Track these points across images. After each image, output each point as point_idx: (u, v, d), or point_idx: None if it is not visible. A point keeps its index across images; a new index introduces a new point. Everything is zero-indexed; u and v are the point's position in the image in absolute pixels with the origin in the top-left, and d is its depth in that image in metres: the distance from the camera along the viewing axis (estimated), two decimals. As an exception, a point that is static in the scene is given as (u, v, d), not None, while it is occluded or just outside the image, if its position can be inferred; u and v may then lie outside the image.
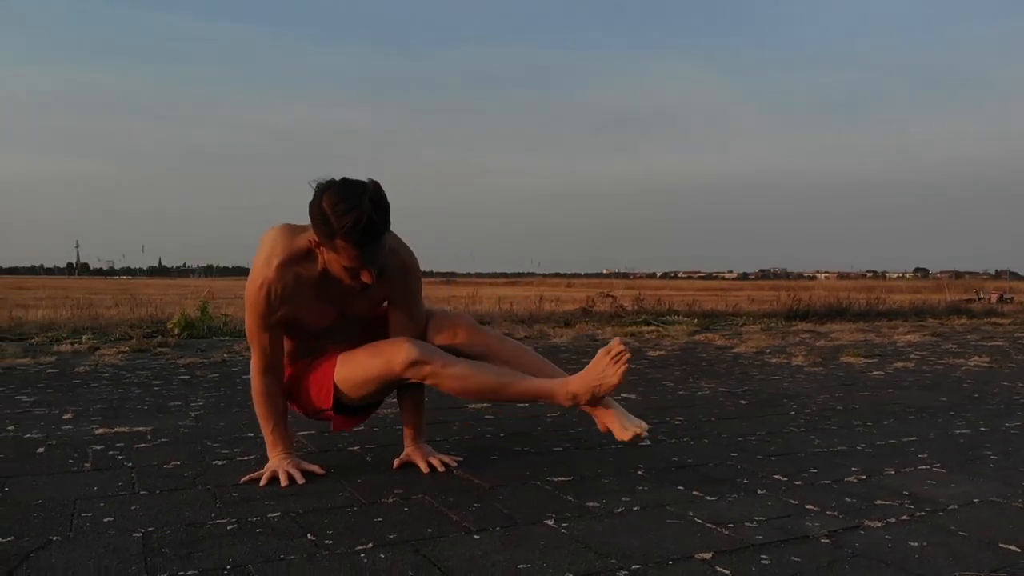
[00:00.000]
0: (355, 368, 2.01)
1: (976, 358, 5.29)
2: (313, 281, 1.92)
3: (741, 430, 2.73)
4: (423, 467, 2.12)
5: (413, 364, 1.95)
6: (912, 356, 5.40)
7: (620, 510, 1.78)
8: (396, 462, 2.17)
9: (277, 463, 2.03)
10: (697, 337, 6.98)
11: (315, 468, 2.06)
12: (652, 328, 7.76)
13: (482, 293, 10.11)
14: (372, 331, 2.13)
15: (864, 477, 2.10)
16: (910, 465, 2.24)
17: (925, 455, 2.37)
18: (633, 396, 3.50)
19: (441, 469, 2.12)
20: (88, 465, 2.15)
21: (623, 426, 2.00)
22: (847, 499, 1.89)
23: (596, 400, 2.02)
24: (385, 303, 2.11)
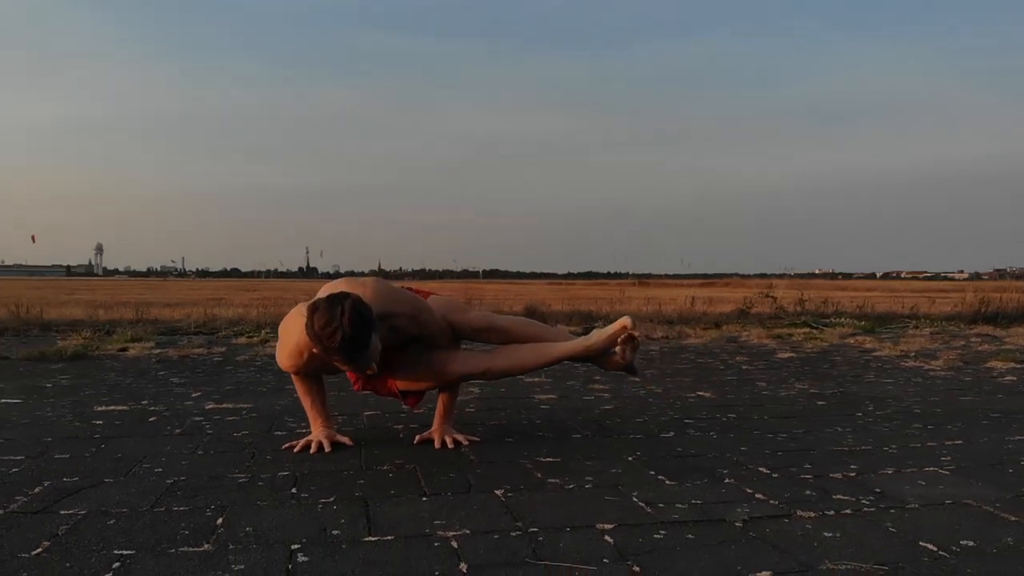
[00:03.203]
0: (416, 384, 2.45)
1: None
2: None
3: (779, 428, 2.73)
4: (437, 443, 2.40)
5: (461, 377, 2.42)
6: (1076, 363, 4.87)
7: (572, 487, 1.94)
8: (417, 438, 2.46)
9: (314, 434, 2.39)
10: (849, 340, 6.65)
11: (345, 440, 2.40)
12: (805, 330, 7.47)
13: (630, 294, 10.13)
14: (409, 347, 2.40)
15: (852, 475, 2.08)
16: (917, 467, 2.18)
17: (948, 458, 2.28)
18: (708, 394, 3.54)
19: (451, 446, 2.38)
20: (178, 431, 2.62)
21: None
22: (807, 492, 1.91)
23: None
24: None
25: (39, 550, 1.46)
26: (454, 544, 1.52)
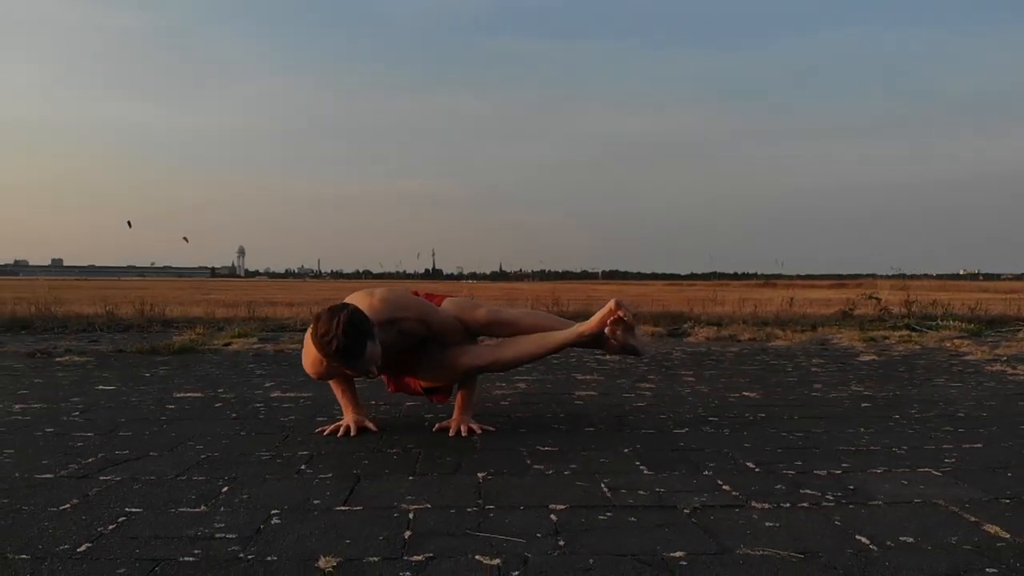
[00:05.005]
0: (437, 381, 2.71)
1: None
2: None
3: (799, 428, 2.75)
4: (452, 431, 2.59)
5: (472, 370, 2.62)
6: None
7: (551, 473, 2.08)
8: (436, 426, 2.66)
9: (344, 420, 2.64)
10: (947, 343, 6.35)
11: (371, 426, 2.63)
12: (904, 332, 7.16)
13: (724, 295, 9.93)
14: (426, 347, 2.62)
15: (838, 473, 2.11)
16: (912, 467, 2.17)
17: (953, 459, 2.26)
18: (753, 394, 3.56)
19: (465, 434, 2.56)
20: (234, 416, 2.92)
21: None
22: (776, 486, 1.97)
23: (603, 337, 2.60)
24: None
25: (67, 506, 1.75)
26: (411, 516, 1.70)
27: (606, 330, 2.54)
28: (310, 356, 2.45)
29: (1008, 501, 1.85)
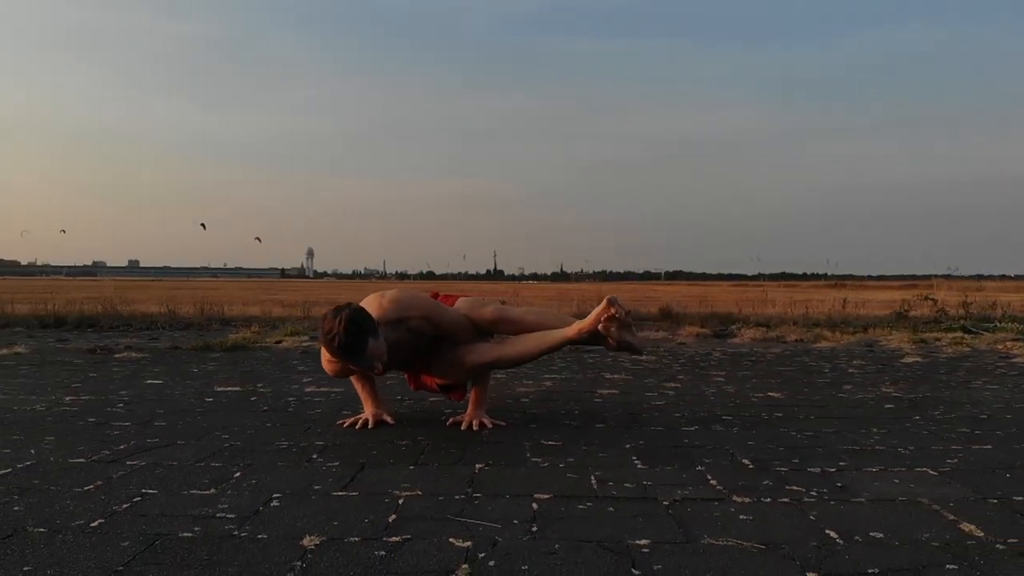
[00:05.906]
0: (450, 379, 2.83)
1: None
2: None
3: (811, 427, 2.76)
4: (464, 425, 2.69)
5: (478, 367, 2.72)
6: None
7: (546, 465, 2.16)
8: (450, 421, 2.77)
9: (364, 413, 2.77)
10: (999, 345, 6.19)
11: (388, 419, 2.75)
12: (957, 334, 6.98)
13: (774, 296, 9.78)
14: (439, 346, 2.74)
15: (832, 471, 2.13)
16: (909, 467, 2.17)
17: (956, 460, 2.25)
18: (778, 395, 3.56)
19: (475, 428, 2.66)
20: (265, 409, 3.08)
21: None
22: (764, 482, 2.00)
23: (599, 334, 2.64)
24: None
25: (90, 487, 1.91)
26: (400, 501, 1.80)
27: (600, 327, 2.60)
28: (325, 355, 2.58)
29: (995, 502, 1.85)
